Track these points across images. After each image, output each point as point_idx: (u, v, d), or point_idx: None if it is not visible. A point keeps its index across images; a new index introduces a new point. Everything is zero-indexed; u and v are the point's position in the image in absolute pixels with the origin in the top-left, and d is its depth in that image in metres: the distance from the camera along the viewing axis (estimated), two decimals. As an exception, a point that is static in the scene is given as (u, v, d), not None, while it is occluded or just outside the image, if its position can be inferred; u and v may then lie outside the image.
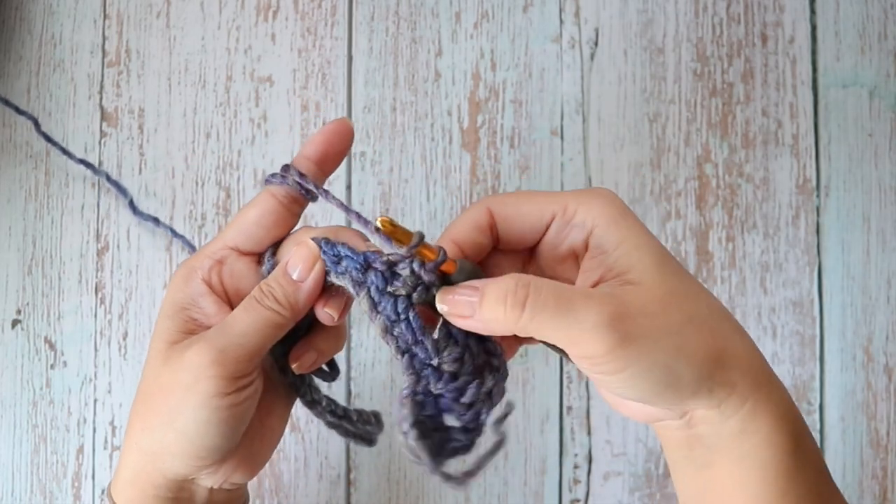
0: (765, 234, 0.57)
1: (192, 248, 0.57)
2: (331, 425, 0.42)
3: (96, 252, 0.57)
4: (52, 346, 0.57)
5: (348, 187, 0.58)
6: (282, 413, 0.40)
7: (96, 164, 0.58)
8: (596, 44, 0.59)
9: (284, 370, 0.39)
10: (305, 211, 0.58)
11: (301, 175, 0.37)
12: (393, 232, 0.34)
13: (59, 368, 0.57)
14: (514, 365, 0.56)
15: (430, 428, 0.36)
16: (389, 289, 0.35)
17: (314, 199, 0.38)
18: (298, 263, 0.36)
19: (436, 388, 0.35)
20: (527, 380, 0.56)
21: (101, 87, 0.59)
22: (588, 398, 0.56)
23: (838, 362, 0.57)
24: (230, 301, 0.38)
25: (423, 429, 0.35)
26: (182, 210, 0.58)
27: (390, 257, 0.35)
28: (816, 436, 0.56)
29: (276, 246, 0.38)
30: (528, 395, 0.56)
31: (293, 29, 0.59)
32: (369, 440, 0.43)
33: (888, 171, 0.58)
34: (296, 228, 0.39)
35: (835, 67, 0.59)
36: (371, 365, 0.56)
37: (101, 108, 0.59)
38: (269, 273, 0.37)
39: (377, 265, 0.35)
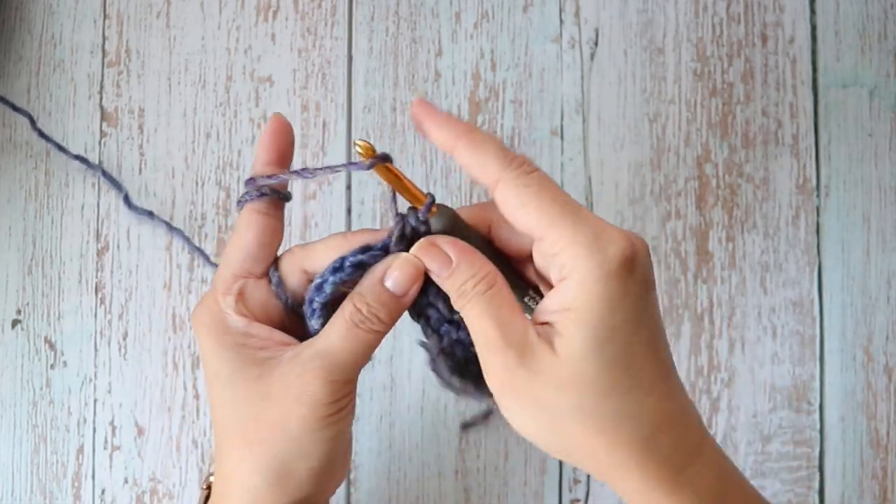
0: (765, 234, 0.57)
1: (189, 242, 0.57)
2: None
3: (96, 252, 0.57)
4: (52, 346, 0.57)
5: (348, 187, 0.58)
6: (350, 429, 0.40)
7: (96, 164, 0.58)
8: (596, 44, 0.59)
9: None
10: (306, 212, 0.58)
11: (270, 176, 0.36)
12: (370, 153, 0.34)
13: (59, 368, 0.57)
14: (514, 365, 0.56)
15: (464, 363, 0.36)
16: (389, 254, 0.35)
17: (288, 198, 0.38)
18: (403, 280, 0.35)
19: (458, 336, 0.36)
20: (527, 380, 0.56)
21: (101, 87, 0.59)
22: (588, 398, 0.56)
23: (838, 362, 0.57)
24: (270, 323, 0.37)
25: (463, 370, 0.36)
26: (182, 210, 0.58)
27: (393, 232, 0.35)
28: (816, 436, 0.56)
29: (277, 259, 0.38)
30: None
31: (293, 29, 0.59)
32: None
33: (888, 171, 0.58)
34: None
35: (835, 67, 0.59)
36: (371, 365, 0.56)
37: (101, 108, 0.59)
38: (277, 286, 0.37)
39: (394, 249, 0.35)
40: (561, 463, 0.56)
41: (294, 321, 0.37)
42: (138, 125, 0.58)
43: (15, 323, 0.57)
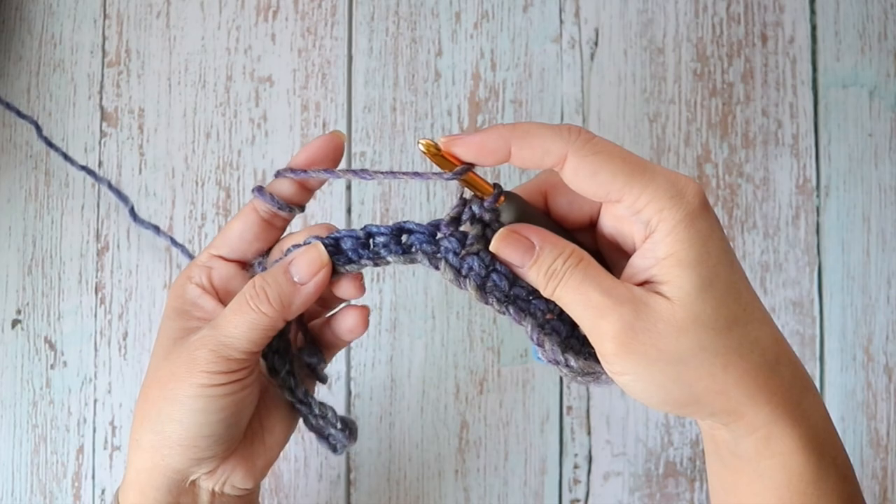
0: (765, 234, 0.57)
1: (191, 258, 0.57)
2: (312, 428, 0.42)
3: (96, 252, 0.57)
4: (52, 346, 0.57)
5: (348, 187, 0.58)
6: (284, 416, 0.41)
7: (96, 164, 0.58)
8: (596, 44, 0.59)
9: (273, 370, 0.40)
10: (306, 212, 0.58)
11: (272, 198, 0.38)
12: (438, 159, 0.34)
13: (59, 368, 0.57)
14: (515, 365, 0.56)
15: (572, 339, 0.36)
16: (464, 249, 0.34)
17: (295, 211, 0.39)
18: (303, 266, 0.36)
19: (552, 312, 0.35)
20: (527, 380, 0.56)
21: (101, 87, 0.59)
22: (588, 398, 0.56)
23: (838, 362, 0.57)
24: (223, 302, 0.39)
25: (578, 347, 0.35)
26: (182, 210, 0.58)
27: (450, 214, 0.35)
28: (816, 436, 0.56)
29: (266, 253, 0.39)
30: (528, 395, 0.56)
31: (293, 29, 0.59)
32: (336, 448, 0.43)
33: (888, 171, 0.58)
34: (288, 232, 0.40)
35: (835, 67, 0.59)
36: (371, 365, 0.56)
37: (101, 108, 0.59)
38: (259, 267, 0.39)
39: (444, 230, 0.34)
40: (561, 463, 0.56)
41: None
42: (138, 125, 0.58)
43: (15, 323, 0.57)
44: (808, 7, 0.59)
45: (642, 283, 0.33)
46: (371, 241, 0.36)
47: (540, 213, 0.36)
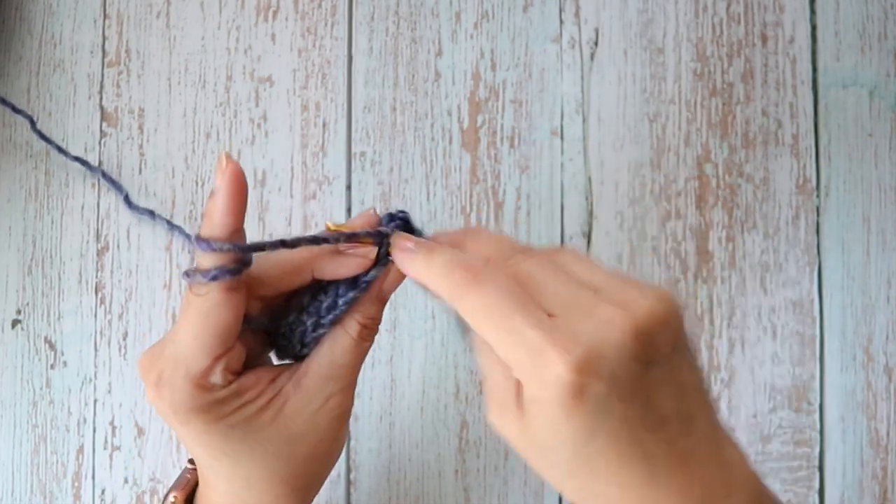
0: (765, 234, 0.57)
1: (188, 237, 0.56)
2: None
3: (96, 252, 0.57)
4: (52, 346, 0.57)
5: (348, 187, 0.58)
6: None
7: (96, 165, 0.58)
8: (596, 44, 0.59)
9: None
10: (306, 212, 0.58)
11: (250, 246, 0.34)
12: (341, 231, 0.36)
13: (59, 368, 0.57)
14: (514, 365, 0.56)
15: None
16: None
17: (250, 263, 0.35)
18: (394, 286, 0.37)
19: None
20: (527, 380, 0.56)
21: (101, 87, 0.59)
22: (588, 398, 0.56)
23: (838, 362, 0.57)
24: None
25: None
26: (182, 210, 0.58)
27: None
28: (816, 436, 0.56)
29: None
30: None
31: (293, 29, 0.59)
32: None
33: (888, 171, 0.58)
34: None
35: (835, 67, 0.59)
36: (371, 365, 0.56)
37: (101, 108, 0.59)
38: (307, 326, 0.37)
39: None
40: (561, 463, 0.56)
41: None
42: (138, 125, 0.58)
43: (15, 323, 0.57)
44: (808, 7, 0.59)
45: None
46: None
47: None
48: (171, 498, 0.40)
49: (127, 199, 0.57)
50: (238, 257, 0.34)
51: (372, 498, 0.56)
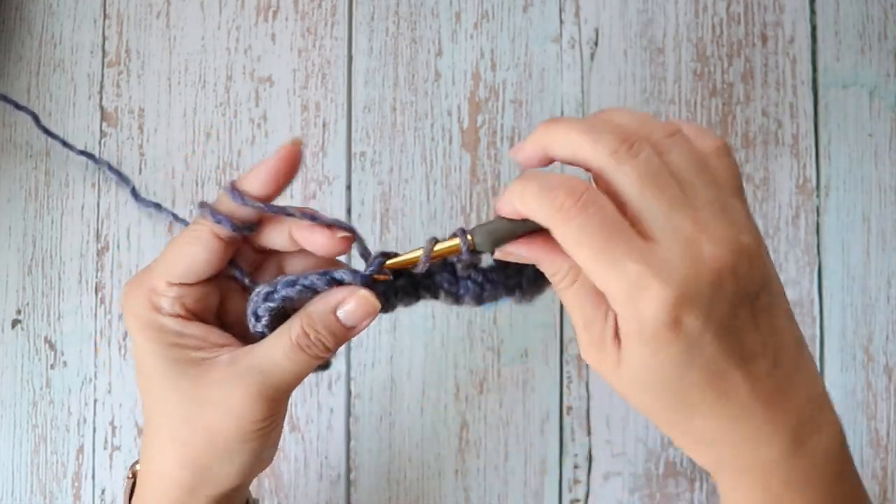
0: (765, 234, 0.57)
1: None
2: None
3: (96, 252, 0.57)
4: (52, 346, 0.57)
5: (348, 187, 0.58)
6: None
7: (102, 160, 0.58)
8: (596, 44, 0.59)
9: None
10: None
11: (232, 224, 0.35)
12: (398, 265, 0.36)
13: (59, 368, 0.57)
14: (515, 365, 0.56)
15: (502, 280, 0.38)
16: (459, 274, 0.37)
17: (253, 230, 0.37)
18: (359, 315, 0.35)
19: (477, 280, 0.37)
20: (527, 380, 0.56)
21: (101, 87, 0.59)
22: (588, 398, 0.56)
23: (838, 362, 0.57)
24: (207, 322, 0.37)
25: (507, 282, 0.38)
26: (182, 210, 0.57)
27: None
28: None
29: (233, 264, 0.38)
30: (528, 395, 0.56)
31: (293, 29, 0.59)
32: (326, 366, 0.41)
33: (888, 171, 0.58)
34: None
35: (835, 67, 0.59)
36: (371, 365, 0.56)
37: (101, 108, 0.59)
38: (259, 296, 0.36)
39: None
40: (561, 463, 0.56)
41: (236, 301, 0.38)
42: (138, 125, 0.58)
43: (15, 323, 0.57)
44: (808, 7, 0.59)
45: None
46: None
47: (511, 224, 0.35)
48: (136, 467, 0.40)
49: (134, 192, 0.57)
50: (246, 220, 0.36)
51: (372, 498, 0.56)
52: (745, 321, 0.31)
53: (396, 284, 0.37)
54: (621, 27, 0.59)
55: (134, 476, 0.40)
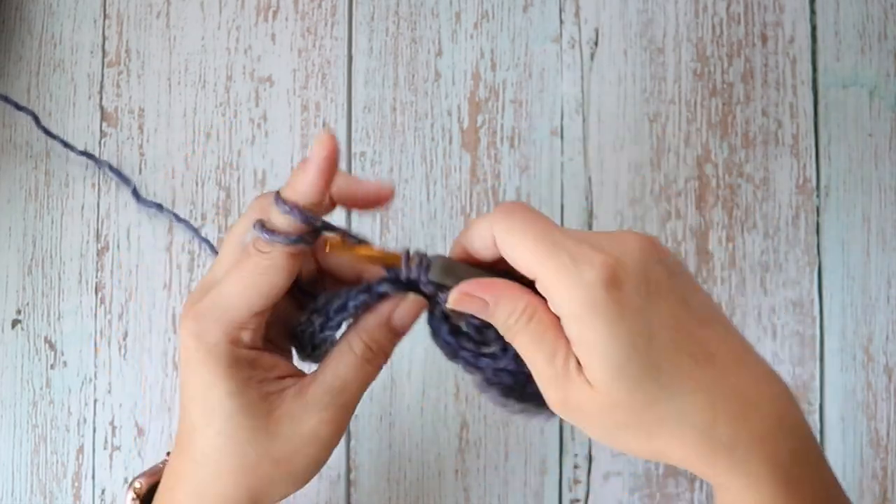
0: (765, 234, 0.57)
1: (195, 231, 0.56)
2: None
3: (96, 252, 0.57)
4: (52, 346, 0.57)
5: (348, 187, 0.58)
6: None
7: (103, 160, 0.58)
8: (596, 44, 0.59)
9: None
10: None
11: (328, 227, 0.35)
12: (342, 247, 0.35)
13: (59, 368, 0.57)
14: (514, 365, 0.56)
15: (517, 386, 0.37)
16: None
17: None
18: (412, 317, 0.37)
19: (500, 366, 0.36)
20: (527, 380, 0.56)
21: (101, 87, 0.59)
22: (588, 398, 0.56)
23: (838, 362, 0.57)
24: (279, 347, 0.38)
25: (519, 393, 0.37)
26: (182, 210, 0.58)
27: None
28: (816, 435, 0.56)
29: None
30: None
31: (293, 29, 0.59)
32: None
33: (888, 171, 0.58)
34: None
35: (835, 67, 0.59)
36: (371, 365, 0.56)
37: (101, 108, 0.59)
38: (314, 325, 0.37)
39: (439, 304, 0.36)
40: (561, 463, 0.56)
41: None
42: (138, 125, 0.58)
43: (15, 323, 0.57)
44: (808, 7, 0.59)
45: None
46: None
47: (467, 266, 0.36)
48: (136, 483, 0.40)
49: (135, 192, 0.57)
50: (311, 228, 0.34)
51: (372, 498, 0.56)
52: (683, 287, 0.32)
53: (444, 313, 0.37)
54: (621, 27, 0.59)
55: (140, 492, 0.40)
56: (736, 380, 0.32)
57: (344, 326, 0.38)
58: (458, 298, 0.34)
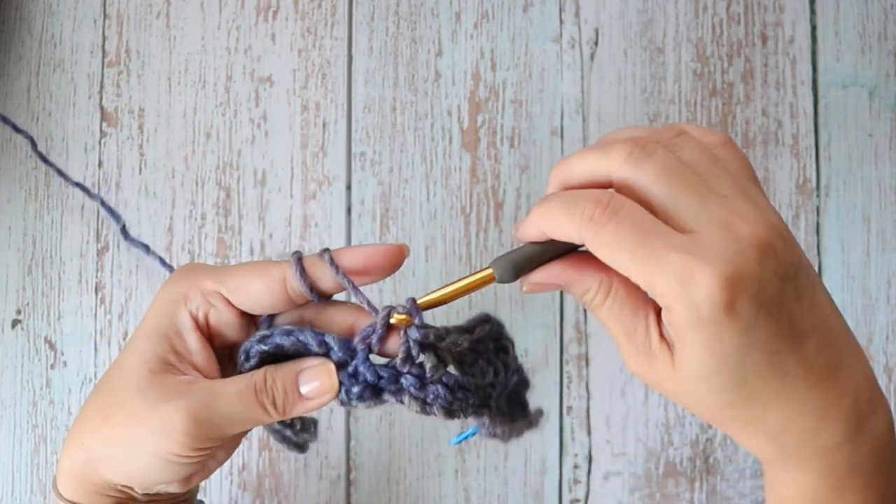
0: (765, 234, 0.57)
1: (170, 270, 0.57)
2: (271, 429, 0.41)
3: (96, 252, 0.57)
4: (52, 346, 0.57)
5: (348, 187, 0.58)
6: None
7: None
8: (596, 44, 0.59)
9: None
10: (306, 212, 0.58)
11: (310, 289, 0.36)
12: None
13: (59, 368, 0.57)
14: (514, 365, 0.56)
15: (488, 399, 0.38)
16: (428, 378, 0.36)
17: (323, 301, 0.37)
18: (314, 387, 0.35)
19: (443, 388, 0.36)
20: (527, 380, 0.56)
21: (101, 87, 0.59)
22: (588, 398, 0.56)
23: (838, 362, 0.56)
24: (211, 340, 0.37)
25: (497, 408, 0.38)
26: (182, 210, 0.58)
27: (401, 356, 0.35)
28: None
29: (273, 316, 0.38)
30: (528, 395, 0.56)
31: (293, 29, 0.59)
32: (302, 447, 0.43)
33: (888, 171, 0.58)
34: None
35: (835, 67, 0.59)
36: (371, 365, 0.56)
37: (101, 108, 0.59)
38: (255, 337, 0.36)
39: (401, 368, 0.36)
40: (561, 463, 0.56)
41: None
42: (138, 125, 0.58)
43: (15, 323, 0.57)
44: (808, 7, 0.59)
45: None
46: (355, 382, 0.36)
47: (534, 249, 0.35)
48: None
49: (124, 230, 0.56)
50: (327, 291, 0.37)
51: (372, 498, 0.56)
52: (791, 300, 0.31)
53: (360, 378, 0.36)
54: (621, 27, 0.59)
55: None
56: (822, 393, 0.32)
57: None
58: (530, 289, 0.35)
